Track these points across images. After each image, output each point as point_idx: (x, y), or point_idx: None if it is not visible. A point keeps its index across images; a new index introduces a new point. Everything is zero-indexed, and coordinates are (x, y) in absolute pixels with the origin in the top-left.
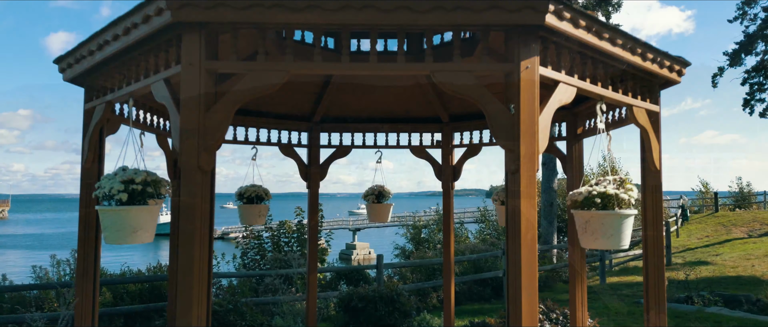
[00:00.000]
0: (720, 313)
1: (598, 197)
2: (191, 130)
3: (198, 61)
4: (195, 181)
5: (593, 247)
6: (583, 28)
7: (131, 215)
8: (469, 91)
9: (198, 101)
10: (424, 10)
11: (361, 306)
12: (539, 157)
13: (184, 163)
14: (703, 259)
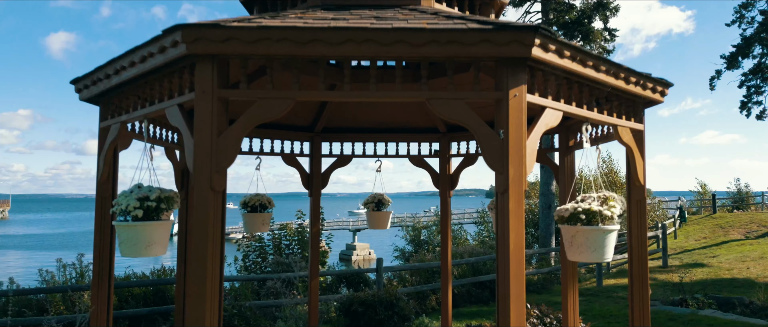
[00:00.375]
0: (713, 316)
1: (582, 213)
2: (204, 154)
3: (211, 90)
4: (208, 201)
5: (579, 260)
6: (568, 57)
7: (146, 230)
8: (462, 117)
9: (210, 127)
10: (419, 43)
11: (362, 310)
12: (527, 179)
13: (197, 184)
14: (700, 261)
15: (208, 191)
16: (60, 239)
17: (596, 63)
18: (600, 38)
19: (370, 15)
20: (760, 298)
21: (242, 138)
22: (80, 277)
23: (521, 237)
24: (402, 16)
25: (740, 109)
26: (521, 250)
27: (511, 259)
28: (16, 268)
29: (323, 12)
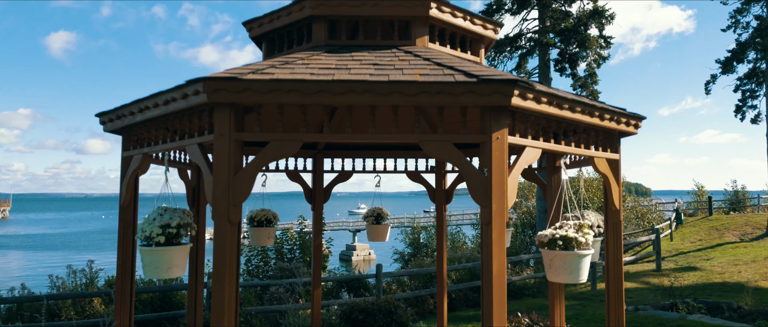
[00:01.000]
0: (701, 321)
1: (560, 240)
2: (222, 190)
3: (228, 133)
4: (226, 232)
5: (557, 280)
6: (545, 103)
7: (167, 255)
8: (451, 158)
9: (228, 166)
10: (412, 93)
11: (362, 318)
12: (508, 212)
13: (216, 216)
14: (693, 265)
15: (226, 223)
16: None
17: (572, 105)
18: (596, 45)
19: (369, 61)
20: (748, 303)
21: (256, 176)
22: (90, 282)
23: (503, 264)
24: (398, 63)
25: (735, 112)
26: (503, 276)
27: (495, 284)
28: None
29: (327, 56)
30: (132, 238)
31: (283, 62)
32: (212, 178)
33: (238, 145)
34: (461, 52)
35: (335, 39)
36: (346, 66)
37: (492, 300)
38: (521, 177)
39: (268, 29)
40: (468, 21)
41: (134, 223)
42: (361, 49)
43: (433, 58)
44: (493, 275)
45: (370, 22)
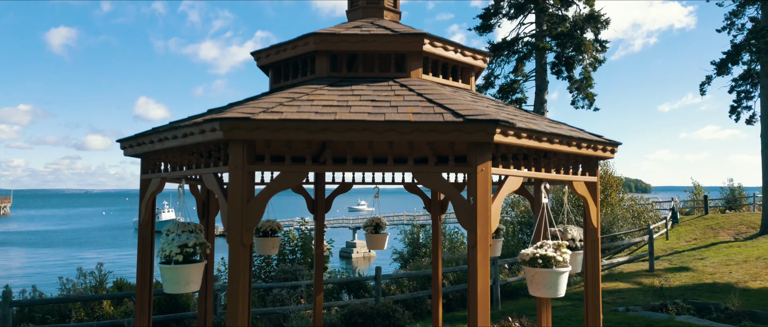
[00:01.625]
0: (688, 322)
1: (540, 258)
2: (236, 217)
3: (241, 165)
4: (239, 253)
5: (537, 295)
6: (525, 137)
7: (185, 272)
8: (440, 187)
9: (241, 195)
10: (406, 131)
11: (361, 321)
12: (491, 236)
13: (231, 239)
14: (685, 265)
15: (240, 246)
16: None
17: (550, 138)
18: (591, 49)
19: (368, 97)
20: (735, 304)
21: (266, 203)
22: (99, 285)
23: (487, 283)
24: (394, 100)
25: (730, 113)
26: (487, 293)
27: (479, 300)
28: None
29: (329, 90)
30: (150, 252)
31: (289, 98)
32: (227, 206)
33: (250, 176)
34: (453, 80)
35: (336, 71)
36: (346, 103)
37: (477, 315)
38: (512, 194)
39: (275, 60)
40: (459, 53)
41: (152, 239)
42: (360, 82)
43: (425, 93)
44: (478, 292)
45: (368, 55)
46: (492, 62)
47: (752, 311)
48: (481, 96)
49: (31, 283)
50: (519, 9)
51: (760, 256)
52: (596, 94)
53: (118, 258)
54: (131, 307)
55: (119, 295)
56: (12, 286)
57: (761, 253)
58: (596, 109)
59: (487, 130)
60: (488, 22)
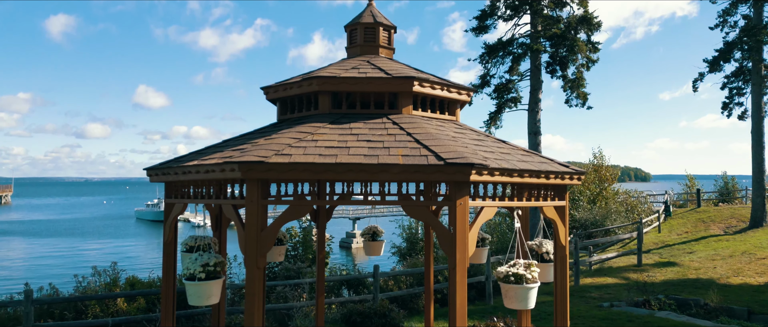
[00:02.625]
0: (668, 318)
1: (512, 276)
2: (252, 243)
3: (256, 200)
4: (255, 274)
5: (511, 307)
6: (498, 174)
7: (208, 288)
8: (425, 218)
9: (256, 225)
10: (396, 172)
11: (360, 320)
12: (468, 259)
13: (248, 262)
14: (672, 260)
15: (255, 268)
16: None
17: (520, 173)
18: (584, 50)
19: (365, 137)
20: (714, 300)
21: (278, 232)
22: (114, 283)
23: (464, 297)
24: (387, 140)
25: (722, 109)
26: (464, 306)
27: (458, 312)
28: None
29: (331, 128)
30: (174, 266)
31: (297, 139)
32: (244, 233)
33: (264, 209)
34: (440, 113)
35: (337, 108)
36: (346, 143)
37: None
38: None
39: (282, 95)
40: (445, 91)
41: (175, 255)
42: (358, 119)
43: (414, 132)
44: (457, 306)
45: (365, 95)
46: (488, 62)
47: (729, 307)
48: (465, 128)
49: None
50: (514, 10)
51: (745, 251)
52: (589, 93)
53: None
54: (143, 304)
55: (133, 294)
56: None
57: (747, 248)
58: (589, 107)
59: (464, 171)
60: (484, 22)
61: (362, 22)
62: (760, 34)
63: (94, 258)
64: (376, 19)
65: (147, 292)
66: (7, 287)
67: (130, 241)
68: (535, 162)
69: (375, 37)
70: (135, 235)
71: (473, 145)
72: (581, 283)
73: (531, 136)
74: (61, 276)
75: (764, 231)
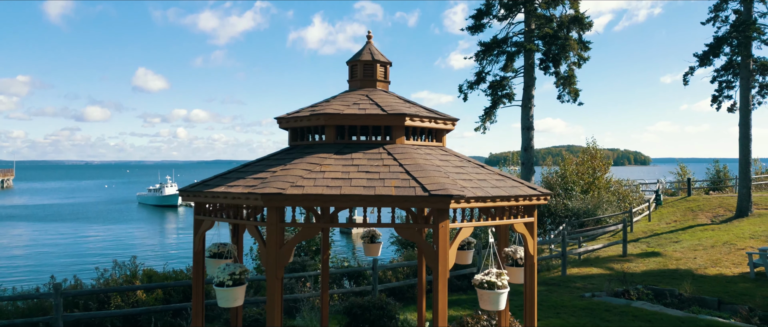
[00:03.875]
0: (642, 308)
1: (486, 283)
2: (272, 259)
3: (275, 223)
4: (274, 285)
5: (485, 308)
6: (474, 201)
7: (234, 292)
8: (414, 238)
9: (275, 244)
10: (389, 201)
11: (359, 312)
12: (448, 271)
13: (268, 274)
14: (657, 250)
15: (275, 279)
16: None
17: (493, 198)
18: (576, 48)
19: (364, 168)
20: (687, 291)
21: (293, 250)
22: (133, 275)
23: (445, 303)
24: (382, 172)
25: (712, 102)
26: (445, 310)
27: (439, 317)
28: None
29: (336, 158)
30: (202, 272)
31: (308, 170)
32: (265, 251)
33: (281, 230)
34: (428, 141)
35: (341, 138)
36: (348, 175)
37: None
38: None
39: (294, 125)
40: (432, 122)
41: (203, 262)
42: (359, 149)
43: (405, 163)
44: (439, 309)
45: (365, 127)
46: (483, 59)
47: (701, 297)
48: (450, 153)
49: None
50: (508, 9)
51: (727, 241)
52: (580, 89)
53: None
54: (161, 295)
55: (152, 286)
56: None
57: (729, 238)
58: (581, 103)
59: (445, 201)
60: (480, 21)
61: (362, 60)
62: (748, 30)
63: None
64: (374, 56)
65: (165, 284)
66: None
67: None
68: (507, 187)
69: (373, 72)
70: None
71: (454, 174)
72: (568, 273)
73: (524, 131)
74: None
75: (749, 221)
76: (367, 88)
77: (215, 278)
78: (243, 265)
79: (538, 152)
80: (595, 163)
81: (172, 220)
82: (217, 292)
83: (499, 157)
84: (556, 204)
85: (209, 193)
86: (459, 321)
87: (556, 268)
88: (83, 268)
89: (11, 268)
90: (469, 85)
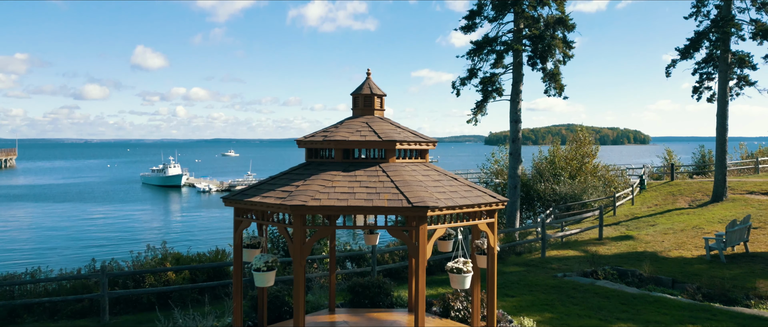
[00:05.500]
0: (604, 286)
1: (454, 269)
2: (298, 250)
3: (300, 226)
4: (300, 269)
5: (455, 287)
6: (446, 209)
7: (267, 276)
8: (401, 237)
9: (301, 241)
10: (382, 211)
11: (361, 289)
12: (426, 261)
13: (295, 263)
14: (631, 233)
15: (300, 266)
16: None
17: (461, 206)
18: (562, 47)
19: (365, 184)
20: (646, 271)
21: (313, 245)
22: (164, 258)
23: (423, 286)
24: (379, 187)
25: (693, 93)
26: (423, 292)
27: (419, 297)
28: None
29: (343, 175)
30: (240, 261)
31: (323, 185)
32: (293, 245)
33: (304, 231)
34: (414, 159)
35: (347, 158)
36: (353, 190)
37: (418, 308)
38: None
39: (310, 147)
40: (417, 145)
41: (240, 256)
42: (360, 167)
43: (396, 179)
44: (418, 292)
45: (366, 149)
46: (475, 57)
47: (658, 277)
48: (431, 168)
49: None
50: (499, 11)
51: (697, 225)
52: (565, 84)
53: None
54: (188, 275)
55: (181, 268)
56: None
57: (700, 222)
58: (566, 97)
59: (423, 210)
60: (472, 21)
61: (362, 94)
62: (727, 26)
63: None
64: (372, 91)
65: (192, 266)
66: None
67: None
68: (473, 196)
69: (371, 103)
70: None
71: (433, 188)
72: (547, 255)
73: (512, 123)
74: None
75: (722, 205)
76: (366, 115)
77: (253, 265)
78: (274, 256)
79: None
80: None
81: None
82: (254, 275)
83: (498, 135)
84: (545, 189)
85: (248, 202)
86: (442, 297)
87: (538, 251)
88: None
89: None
90: (461, 81)
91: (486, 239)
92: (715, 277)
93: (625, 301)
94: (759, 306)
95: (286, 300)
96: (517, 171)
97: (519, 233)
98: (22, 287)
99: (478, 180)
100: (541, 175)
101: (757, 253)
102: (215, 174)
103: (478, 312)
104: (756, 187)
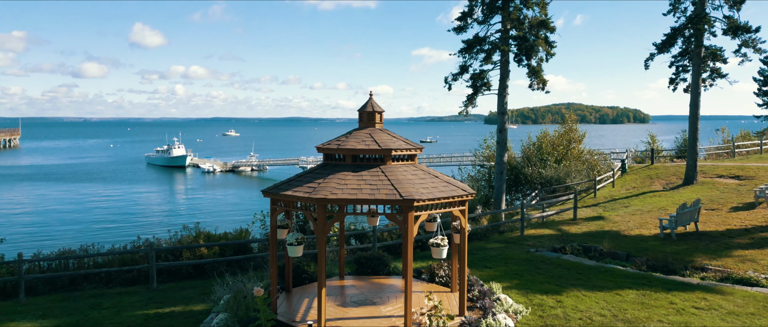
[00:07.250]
0: (568, 259)
1: (434, 244)
2: (320, 232)
3: (322, 214)
4: (322, 245)
5: (435, 257)
6: (428, 201)
7: (297, 249)
8: (395, 221)
9: (322, 223)
10: (382, 202)
11: (364, 261)
12: (413, 238)
13: (318, 237)
14: (604, 214)
15: (322, 243)
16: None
17: (439, 198)
18: (544, 46)
19: (368, 182)
20: (605, 247)
21: (331, 227)
22: (198, 237)
23: (411, 258)
24: (379, 185)
25: (669, 84)
26: (411, 264)
27: (408, 268)
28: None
29: (352, 175)
30: (275, 241)
31: (338, 183)
32: (316, 227)
33: (325, 217)
34: (406, 161)
35: (355, 161)
36: (360, 187)
37: (407, 279)
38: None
39: (327, 152)
40: (408, 151)
41: (275, 235)
42: (365, 168)
43: (392, 178)
44: (408, 263)
45: (369, 155)
46: (466, 54)
47: (615, 252)
48: (419, 169)
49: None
50: (487, 13)
51: (663, 207)
52: (548, 80)
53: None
54: (218, 251)
55: (212, 244)
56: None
57: (667, 204)
58: (547, 91)
59: (411, 202)
60: (464, 22)
61: (366, 111)
62: (700, 23)
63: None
64: (374, 108)
65: (222, 243)
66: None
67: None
68: (448, 190)
69: (373, 118)
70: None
71: (419, 185)
72: (525, 234)
73: (499, 115)
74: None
75: (691, 188)
76: (369, 128)
77: (287, 240)
78: (302, 234)
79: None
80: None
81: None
82: (288, 248)
83: (496, 116)
84: (532, 172)
85: (283, 195)
86: (429, 267)
87: (515, 230)
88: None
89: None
90: (453, 76)
91: (459, 221)
92: (662, 252)
93: (582, 271)
94: (693, 276)
95: (304, 269)
96: (503, 158)
97: (505, 214)
98: (76, 261)
99: (472, 164)
100: (529, 160)
101: (706, 231)
102: (218, 154)
103: (455, 277)
104: (726, 171)
